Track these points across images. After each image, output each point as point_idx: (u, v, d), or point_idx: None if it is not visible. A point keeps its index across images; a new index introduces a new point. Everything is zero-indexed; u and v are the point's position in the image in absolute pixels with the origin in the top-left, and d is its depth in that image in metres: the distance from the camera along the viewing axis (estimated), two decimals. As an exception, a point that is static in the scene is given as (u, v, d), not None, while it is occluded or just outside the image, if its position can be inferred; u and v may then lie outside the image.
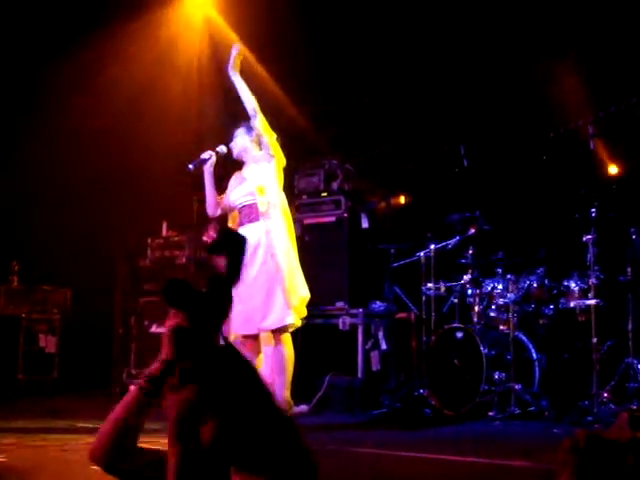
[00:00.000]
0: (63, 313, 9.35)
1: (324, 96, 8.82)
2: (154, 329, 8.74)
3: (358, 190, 7.95)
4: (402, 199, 8.01)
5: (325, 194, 7.87)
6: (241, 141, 5.92)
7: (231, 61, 5.85)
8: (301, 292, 5.68)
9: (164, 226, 9.05)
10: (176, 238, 8.91)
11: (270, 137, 5.77)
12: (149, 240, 9.05)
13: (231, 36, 8.89)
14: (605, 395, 5.90)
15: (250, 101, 5.78)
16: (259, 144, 5.87)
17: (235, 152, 5.95)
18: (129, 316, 8.97)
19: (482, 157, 7.75)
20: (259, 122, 5.75)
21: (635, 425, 2.83)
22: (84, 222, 9.28)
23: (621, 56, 7.30)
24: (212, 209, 5.94)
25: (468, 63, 8.13)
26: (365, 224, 7.70)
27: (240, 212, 5.80)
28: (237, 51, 5.88)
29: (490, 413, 6.26)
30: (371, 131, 8.73)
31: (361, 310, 7.39)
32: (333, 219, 7.72)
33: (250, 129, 5.87)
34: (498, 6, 7.89)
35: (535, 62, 7.67)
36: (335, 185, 7.88)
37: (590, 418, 5.74)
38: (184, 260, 8.77)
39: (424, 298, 7.25)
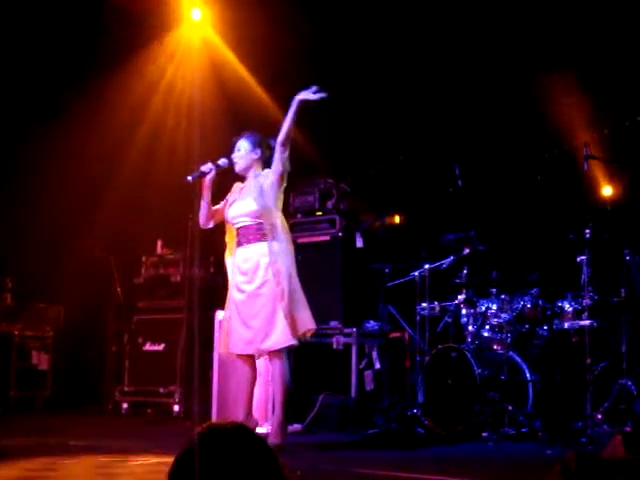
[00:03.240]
0: (56, 330, 9.33)
1: (319, 116, 8.84)
2: (148, 347, 8.73)
3: (353, 209, 7.96)
4: (397, 219, 8.02)
5: (320, 213, 7.87)
6: (246, 158, 5.80)
7: (310, 93, 5.64)
8: (308, 325, 5.62)
9: (159, 244, 9.05)
10: (171, 256, 8.92)
11: (286, 170, 5.68)
12: (143, 258, 9.05)
13: (230, 58, 8.94)
14: (599, 416, 5.89)
15: (288, 134, 5.61)
16: (262, 162, 5.79)
17: (239, 167, 5.80)
18: (122, 334, 8.95)
19: (477, 177, 7.78)
20: (286, 158, 5.61)
21: (629, 446, 2.83)
22: (78, 239, 9.28)
23: (616, 79, 7.34)
24: (204, 220, 5.83)
25: (463, 84, 8.17)
26: (360, 243, 7.70)
27: (238, 232, 5.72)
28: (321, 97, 5.70)
29: (483, 434, 6.25)
30: (366, 151, 8.76)
31: (355, 329, 7.38)
32: (328, 238, 7.72)
33: (256, 145, 5.77)
34: (493, 27, 7.93)
35: (530, 83, 7.70)
36: (330, 204, 7.89)
37: (584, 439, 5.73)
38: (178, 278, 8.76)
39: (418, 318, 7.25)
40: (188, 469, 1.88)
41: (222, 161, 5.82)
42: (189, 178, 5.71)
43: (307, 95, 5.62)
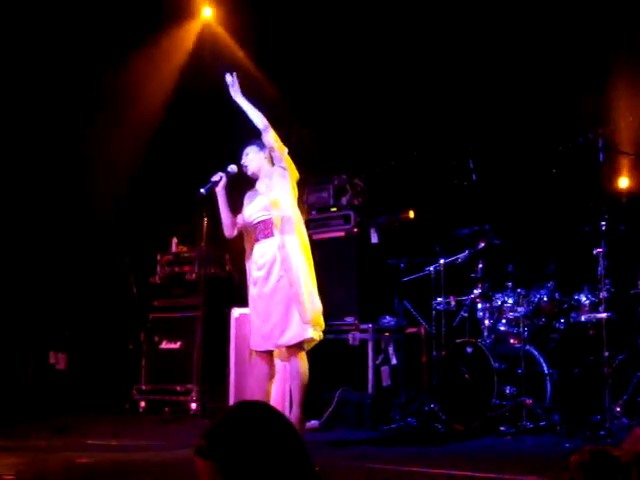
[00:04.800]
0: (73, 330, 9.35)
1: (333, 112, 8.84)
2: (164, 345, 8.75)
3: (367, 205, 7.94)
4: (411, 214, 8.01)
5: (334, 209, 7.86)
6: (255, 159, 5.85)
7: (231, 87, 5.79)
8: (314, 305, 5.62)
9: (174, 242, 9.06)
10: (186, 254, 8.93)
11: (282, 151, 5.73)
12: (158, 256, 9.06)
13: (239, 54, 8.96)
14: (617, 409, 5.86)
15: (259, 118, 5.71)
16: (271, 159, 5.83)
17: (250, 170, 5.87)
18: (139, 332, 8.97)
19: (491, 171, 7.74)
20: (271, 137, 5.70)
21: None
22: (93, 238, 9.31)
23: (628, 70, 7.30)
24: (229, 230, 5.89)
25: (477, 78, 8.14)
26: (374, 239, 7.69)
27: (255, 228, 5.74)
28: (231, 79, 5.81)
29: (501, 428, 6.23)
30: (380, 146, 8.74)
31: (371, 325, 7.36)
32: (342, 234, 7.70)
33: (262, 146, 5.81)
34: (506, 21, 7.91)
35: (544, 75, 7.67)
36: (344, 200, 7.87)
37: (602, 432, 5.70)
38: (194, 276, 8.78)
39: (434, 313, 7.23)
40: (222, 438, 1.90)
41: (230, 168, 5.89)
42: (202, 190, 5.75)
43: (233, 91, 5.76)
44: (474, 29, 8.08)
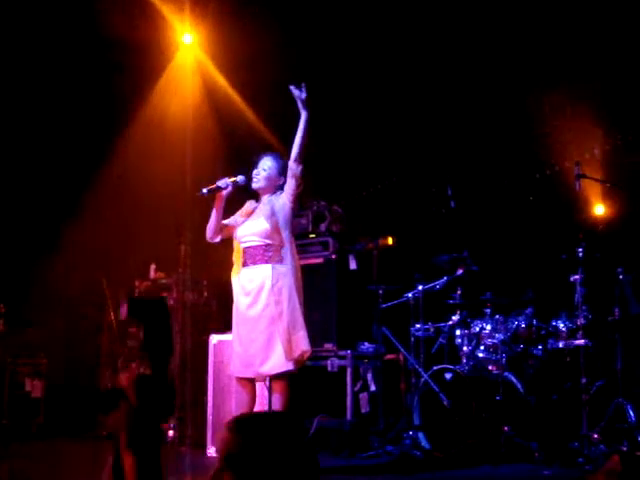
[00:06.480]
0: (49, 357, 9.27)
1: (312, 138, 8.86)
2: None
3: (346, 231, 7.95)
4: (390, 240, 8.03)
5: (313, 235, 7.85)
6: (270, 180, 5.71)
7: (303, 97, 5.65)
8: (303, 346, 5.55)
9: (152, 268, 9.02)
10: (164, 280, 8.88)
11: (300, 188, 5.62)
12: (137, 282, 9.01)
13: (222, 81, 8.98)
14: (595, 436, 5.87)
15: (301, 148, 5.56)
16: (282, 186, 5.71)
17: (258, 186, 5.71)
18: (116, 359, 8.90)
19: (469, 198, 7.79)
20: (300, 171, 5.57)
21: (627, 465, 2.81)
22: (70, 265, 9.26)
23: (606, 100, 7.39)
24: (212, 234, 5.72)
25: (455, 106, 8.20)
26: (353, 265, 7.69)
27: (245, 252, 5.62)
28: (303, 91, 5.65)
29: (480, 455, 6.22)
30: (360, 173, 8.77)
31: (349, 352, 7.35)
32: (321, 260, 7.70)
33: (281, 173, 5.65)
34: (485, 48, 7.98)
35: (522, 104, 7.74)
36: (323, 226, 7.87)
37: (580, 459, 5.71)
38: (172, 302, 8.73)
39: (413, 339, 7.23)
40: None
41: (240, 178, 5.73)
42: (204, 191, 5.60)
43: (301, 96, 5.60)
44: (452, 57, 8.14)
